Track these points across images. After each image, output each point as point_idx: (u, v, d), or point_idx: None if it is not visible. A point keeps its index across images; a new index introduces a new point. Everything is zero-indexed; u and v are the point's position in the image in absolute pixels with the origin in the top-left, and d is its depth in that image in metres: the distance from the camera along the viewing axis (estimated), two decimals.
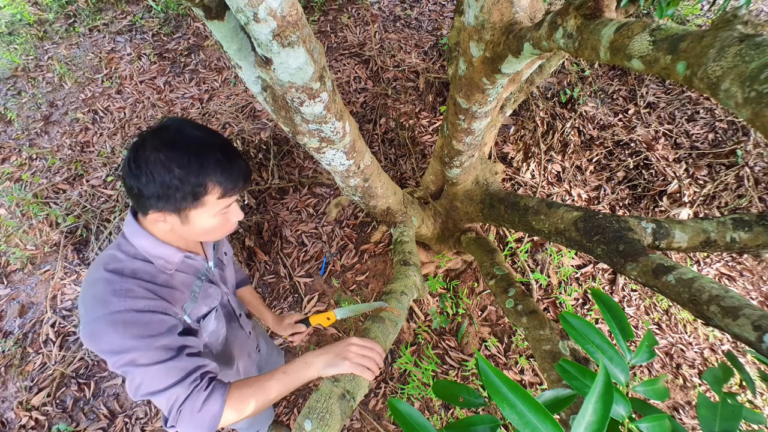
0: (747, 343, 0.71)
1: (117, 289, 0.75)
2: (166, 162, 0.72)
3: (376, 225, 2.58)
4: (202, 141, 0.76)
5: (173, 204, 0.75)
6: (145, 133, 0.76)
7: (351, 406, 0.87)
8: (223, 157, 0.77)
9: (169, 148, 0.73)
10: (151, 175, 0.72)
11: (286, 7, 0.73)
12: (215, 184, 0.77)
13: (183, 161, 0.73)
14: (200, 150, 0.75)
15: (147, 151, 0.73)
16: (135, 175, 0.73)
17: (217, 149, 0.77)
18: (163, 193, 0.73)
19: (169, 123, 0.77)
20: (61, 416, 2.08)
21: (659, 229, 1.15)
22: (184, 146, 0.74)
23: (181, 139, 0.75)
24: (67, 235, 2.54)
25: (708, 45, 0.51)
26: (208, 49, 3.45)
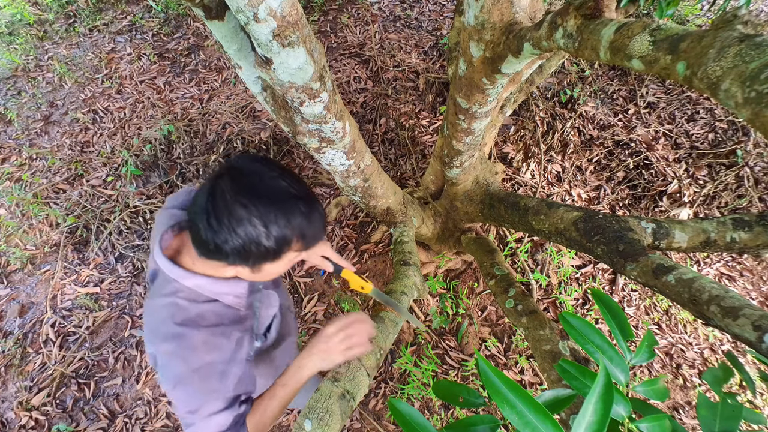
0: (747, 343, 0.71)
1: (193, 343, 0.74)
2: (251, 218, 0.65)
3: (376, 225, 2.58)
4: (287, 193, 0.69)
5: (251, 260, 0.71)
6: (220, 177, 0.67)
7: (351, 406, 0.87)
8: (307, 209, 0.71)
9: (252, 200, 0.65)
10: (234, 232, 0.65)
11: (286, 7, 0.73)
12: (299, 239, 0.72)
13: (270, 218, 0.66)
14: (287, 204, 0.68)
15: (228, 203, 0.65)
16: (214, 230, 0.65)
17: (300, 200, 0.70)
18: (243, 250, 0.68)
19: (246, 167, 0.69)
20: (61, 416, 2.08)
21: (659, 229, 1.15)
22: (270, 199, 0.67)
23: (264, 189, 0.67)
24: (67, 235, 2.54)
25: (708, 45, 0.51)
26: (208, 49, 3.45)
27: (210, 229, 0.66)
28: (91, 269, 2.46)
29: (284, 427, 2.06)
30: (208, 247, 0.69)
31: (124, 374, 2.19)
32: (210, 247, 0.68)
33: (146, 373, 2.19)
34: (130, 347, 2.26)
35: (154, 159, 2.75)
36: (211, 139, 2.82)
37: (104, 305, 2.37)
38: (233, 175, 0.68)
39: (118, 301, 2.39)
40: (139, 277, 2.45)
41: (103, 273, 2.46)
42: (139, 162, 2.74)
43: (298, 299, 2.38)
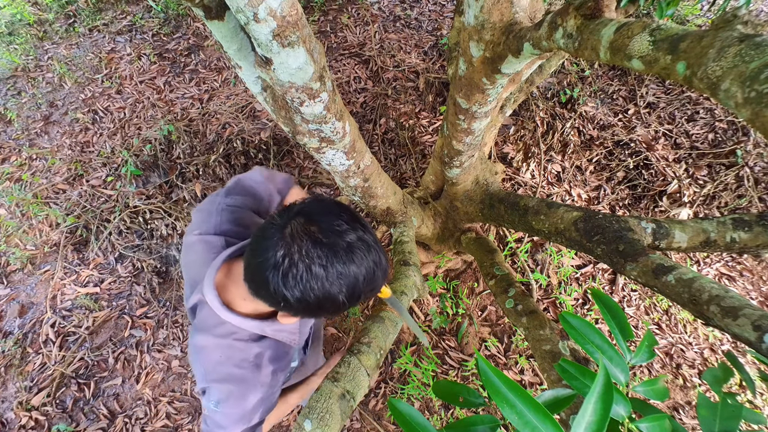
0: (747, 343, 0.71)
1: (253, 384, 0.78)
2: (332, 283, 0.62)
3: (376, 225, 2.57)
4: (366, 249, 0.65)
5: (316, 314, 0.68)
6: (295, 233, 0.62)
7: (351, 406, 0.87)
8: (383, 272, 0.69)
9: (333, 263, 0.61)
10: (310, 293, 0.62)
11: (286, 7, 0.73)
12: (368, 294, 0.69)
13: (353, 290, 0.63)
14: (371, 272, 0.65)
15: (307, 263, 0.60)
16: (289, 287, 0.61)
17: (381, 270, 0.68)
18: (314, 309, 0.65)
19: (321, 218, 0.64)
20: (61, 416, 2.08)
21: (659, 229, 1.15)
22: (352, 265, 0.63)
23: (346, 253, 0.62)
24: (67, 235, 2.54)
25: (708, 45, 0.51)
26: (208, 49, 3.45)
27: (284, 286, 0.61)
28: (91, 269, 2.46)
29: (284, 427, 2.06)
30: (274, 298, 0.64)
31: (124, 374, 2.19)
32: (278, 300, 0.64)
33: (146, 373, 2.19)
34: (130, 347, 2.26)
35: (154, 159, 2.75)
36: (211, 139, 2.82)
37: (104, 305, 2.37)
38: (312, 232, 0.62)
39: (118, 301, 2.39)
40: (139, 277, 2.45)
41: (103, 273, 2.46)
42: (139, 162, 2.74)
43: None
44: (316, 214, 0.65)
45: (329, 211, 0.66)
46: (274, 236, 0.63)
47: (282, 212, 0.66)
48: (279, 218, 0.65)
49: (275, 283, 0.62)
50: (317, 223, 0.63)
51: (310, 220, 0.63)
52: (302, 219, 0.63)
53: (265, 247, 0.63)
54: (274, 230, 0.63)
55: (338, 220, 0.64)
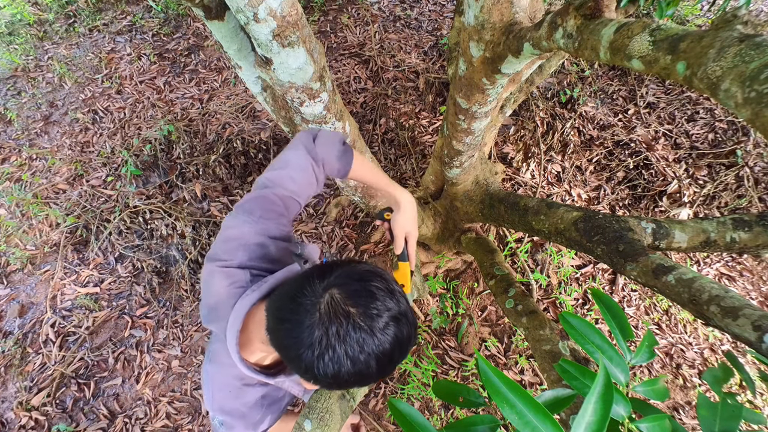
0: (747, 343, 0.71)
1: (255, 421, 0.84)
2: (368, 364, 0.59)
3: (376, 225, 2.58)
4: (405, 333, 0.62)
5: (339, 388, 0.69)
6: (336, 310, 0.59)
7: (351, 406, 0.87)
8: (414, 341, 0.65)
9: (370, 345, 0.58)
10: (345, 374, 0.59)
11: (286, 8, 0.73)
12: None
13: (383, 363, 0.60)
14: (405, 345, 0.62)
15: (346, 346, 0.58)
16: (321, 366, 0.58)
17: (413, 338, 0.64)
18: (342, 384, 0.62)
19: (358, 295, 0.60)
20: (60, 416, 2.08)
21: (659, 229, 1.15)
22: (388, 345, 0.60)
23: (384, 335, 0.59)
24: (67, 235, 2.54)
25: (708, 45, 0.51)
26: (208, 49, 3.45)
27: (318, 367, 0.58)
28: (91, 269, 2.46)
29: None
30: (304, 373, 0.61)
31: (124, 374, 2.19)
32: (308, 376, 0.61)
33: (146, 374, 2.19)
34: (130, 347, 2.26)
35: (154, 159, 2.75)
36: (211, 139, 2.82)
37: (104, 305, 2.37)
38: (348, 313, 0.59)
39: (118, 301, 2.39)
40: (139, 277, 2.45)
41: (103, 273, 2.46)
42: (139, 162, 2.74)
43: None
44: (355, 292, 0.61)
45: (367, 289, 0.62)
46: (309, 311, 0.59)
47: (314, 279, 0.62)
48: (311, 287, 0.61)
49: (308, 361, 0.59)
50: (355, 304, 0.60)
51: (348, 299, 0.60)
52: (339, 296, 0.60)
53: (298, 322, 0.60)
54: (308, 304, 0.60)
55: (376, 301, 0.61)
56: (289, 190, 0.84)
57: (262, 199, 0.82)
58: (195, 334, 2.30)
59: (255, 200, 0.82)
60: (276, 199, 0.83)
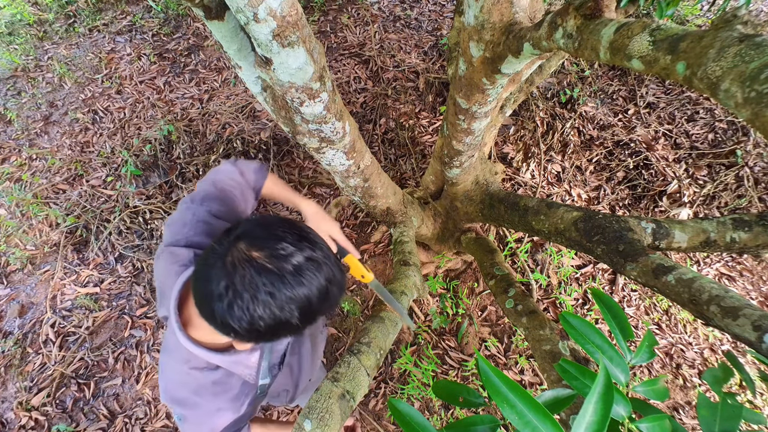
0: (747, 343, 0.71)
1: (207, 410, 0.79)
2: (282, 309, 0.58)
3: (376, 225, 2.58)
4: (317, 269, 0.61)
5: (269, 339, 0.65)
6: (237, 260, 0.59)
7: (351, 406, 0.87)
8: (338, 289, 0.65)
9: (279, 288, 0.58)
10: (259, 322, 0.59)
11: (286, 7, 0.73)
12: (324, 313, 0.66)
13: (302, 308, 0.60)
14: (324, 290, 0.62)
15: (252, 290, 0.57)
16: (233, 316, 0.58)
17: (336, 285, 0.64)
18: (267, 335, 0.62)
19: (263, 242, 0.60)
20: (60, 416, 2.08)
21: (659, 229, 1.15)
22: (303, 288, 0.59)
23: (294, 277, 0.59)
24: (67, 235, 2.54)
25: (708, 45, 0.51)
26: (208, 49, 3.45)
27: (230, 317, 0.59)
28: (91, 269, 2.46)
29: None
30: (223, 328, 0.62)
31: (124, 374, 2.19)
32: (227, 331, 0.61)
33: (146, 374, 2.19)
34: (130, 347, 2.26)
35: (154, 159, 2.75)
36: (211, 139, 2.82)
37: (104, 305, 2.37)
38: (252, 258, 0.59)
39: (118, 301, 2.39)
40: (139, 277, 2.45)
41: (103, 273, 2.46)
42: (139, 162, 2.74)
43: None
44: (259, 238, 0.60)
45: (272, 233, 0.61)
46: (216, 265, 0.59)
47: (222, 237, 0.62)
48: (219, 245, 0.61)
49: (221, 314, 0.59)
50: (260, 248, 0.59)
51: (252, 245, 0.59)
52: (244, 245, 0.60)
53: (207, 278, 0.60)
54: (215, 258, 0.60)
55: (282, 242, 0.60)
56: (222, 182, 0.94)
57: (201, 190, 0.92)
58: None
59: (195, 192, 0.92)
60: (213, 189, 0.91)
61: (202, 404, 0.79)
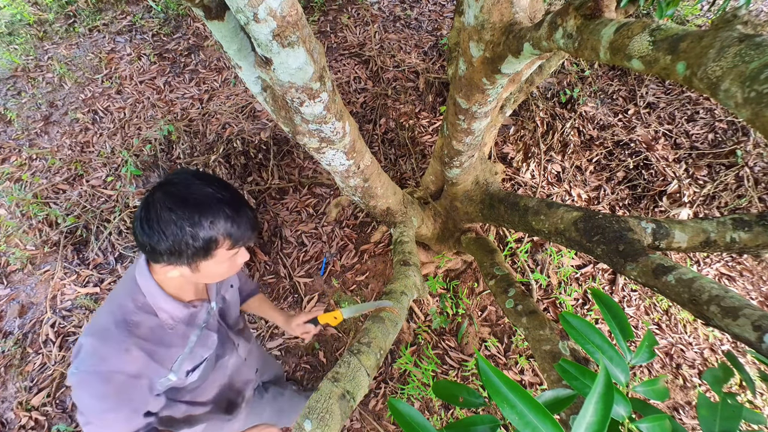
0: (747, 343, 0.71)
1: (115, 347, 0.80)
2: (177, 221, 0.73)
3: (376, 225, 2.58)
4: (210, 196, 0.76)
5: (185, 259, 0.78)
6: (154, 189, 0.76)
7: (351, 406, 0.87)
8: (232, 212, 0.78)
9: (179, 205, 0.74)
10: (163, 234, 0.74)
11: (286, 8, 0.73)
12: (225, 237, 0.79)
13: (194, 219, 0.74)
14: (209, 206, 0.76)
15: (158, 210, 0.74)
16: (147, 233, 0.75)
17: (225, 204, 0.78)
18: (175, 249, 0.75)
19: (177, 178, 0.78)
20: (60, 416, 2.08)
21: (659, 229, 1.15)
22: (194, 203, 0.74)
23: (190, 195, 0.75)
24: (67, 235, 2.54)
25: (708, 45, 0.51)
26: (208, 49, 3.45)
27: (144, 234, 0.75)
28: (91, 269, 2.46)
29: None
30: (145, 249, 0.77)
31: None
32: (147, 249, 0.77)
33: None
34: None
35: (154, 159, 2.75)
36: (211, 139, 2.82)
37: None
38: (164, 187, 0.76)
39: None
40: None
41: (103, 273, 2.46)
42: (139, 162, 2.74)
43: (298, 299, 2.38)
44: (176, 177, 0.78)
45: (187, 173, 0.79)
46: (143, 199, 0.78)
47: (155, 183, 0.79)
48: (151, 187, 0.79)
49: (139, 234, 0.76)
50: (173, 182, 0.77)
51: (169, 182, 0.77)
52: (164, 183, 0.77)
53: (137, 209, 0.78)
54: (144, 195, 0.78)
55: (193, 178, 0.77)
56: None
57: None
58: None
59: None
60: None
61: (113, 337, 0.80)
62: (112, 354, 0.79)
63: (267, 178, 2.74)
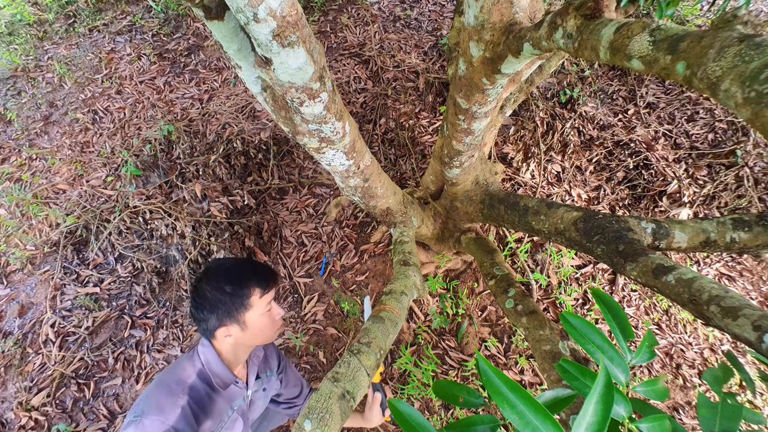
0: (747, 343, 0.71)
1: (172, 401, 0.92)
2: (218, 287, 0.96)
3: (376, 225, 2.58)
4: (237, 264, 1.02)
5: (231, 313, 0.97)
6: (199, 276, 1.01)
7: (351, 406, 0.87)
8: (251, 265, 1.02)
9: (217, 279, 0.98)
10: (210, 301, 0.96)
11: (286, 8, 0.73)
12: (254, 287, 0.99)
13: (229, 280, 0.97)
14: (238, 270, 1.00)
15: (204, 288, 0.97)
16: (199, 305, 0.97)
17: (247, 264, 1.02)
18: (221, 307, 0.96)
19: (213, 264, 1.02)
20: (60, 416, 2.08)
21: (659, 229, 1.15)
22: (227, 272, 0.99)
23: (222, 269, 0.99)
24: (67, 235, 2.54)
25: (708, 45, 0.51)
26: (208, 49, 3.45)
27: (197, 307, 0.98)
28: (91, 269, 2.46)
29: (284, 427, 2.06)
30: (201, 321, 0.98)
31: (123, 374, 2.19)
32: (201, 319, 0.98)
33: (146, 374, 2.19)
34: (129, 347, 2.26)
35: (154, 159, 2.75)
36: (211, 139, 2.82)
37: (104, 305, 2.37)
38: (205, 273, 1.01)
39: (117, 301, 2.39)
40: (139, 277, 2.45)
41: (103, 273, 2.46)
42: (139, 162, 2.74)
43: (298, 299, 2.38)
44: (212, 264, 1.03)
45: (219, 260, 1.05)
46: None
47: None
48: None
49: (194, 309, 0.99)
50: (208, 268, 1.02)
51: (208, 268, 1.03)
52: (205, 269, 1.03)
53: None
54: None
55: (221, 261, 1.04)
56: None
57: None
58: (195, 334, 2.30)
59: None
60: None
61: (173, 392, 0.93)
62: (168, 407, 0.90)
63: (267, 178, 2.74)
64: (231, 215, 2.52)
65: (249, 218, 2.54)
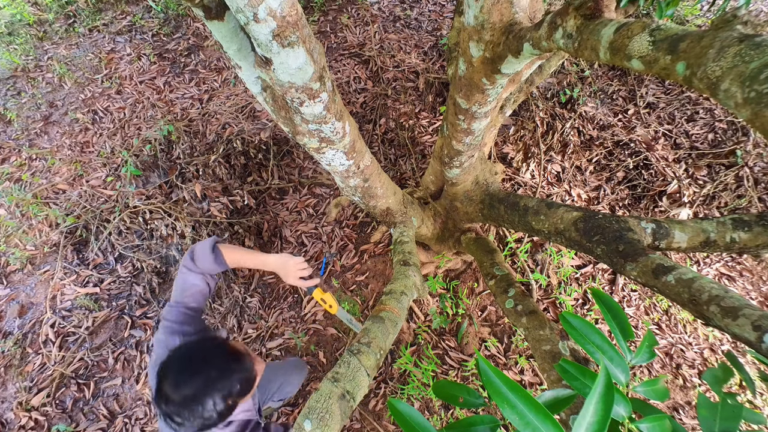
0: (747, 343, 0.71)
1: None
2: (204, 405, 0.94)
3: (376, 225, 2.58)
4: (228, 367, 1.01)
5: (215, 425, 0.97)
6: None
7: (351, 406, 0.87)
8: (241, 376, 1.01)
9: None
10: (201, 417, 0.93)
11: (286, 8, 0.73)
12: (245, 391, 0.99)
13: (217, 399, 0.95)
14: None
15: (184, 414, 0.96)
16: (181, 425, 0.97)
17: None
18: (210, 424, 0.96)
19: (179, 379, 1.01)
20: (60, 417, 2.08)
21: (659, 229, 1.15)
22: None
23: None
24: (67, 235, 2.54)
25: (707, 45, 0.51)
26: (208, 49, 3.45)
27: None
28: (91, 269, 2.46)
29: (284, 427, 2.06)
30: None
31: (123, 374, 2.19)
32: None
33: (146, 374, 2.19)
34: (129, 347, 2.26)
35: (154, 159, 2.75)
36: (211, 139, 2.82)
37: (104, 305, 2.37)
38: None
39: (117, 301, 2.39)
40: (139, 277, 2.45)
41: (103, 273, 2.46)
42: (138, 162, 2.74)
43: (298, 299, 2.38)
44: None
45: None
46: None
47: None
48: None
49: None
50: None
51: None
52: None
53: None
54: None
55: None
56: (188, 289, 1.18)
57: (173, 305, 1.16)
58: None
59: (167, 310, 1.16)
60: (181, 298, 1.17)
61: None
62: None
63: (267, 178, 2.74)
64: (231, 215, 2.52)
65: (249, 218, 2.54)
